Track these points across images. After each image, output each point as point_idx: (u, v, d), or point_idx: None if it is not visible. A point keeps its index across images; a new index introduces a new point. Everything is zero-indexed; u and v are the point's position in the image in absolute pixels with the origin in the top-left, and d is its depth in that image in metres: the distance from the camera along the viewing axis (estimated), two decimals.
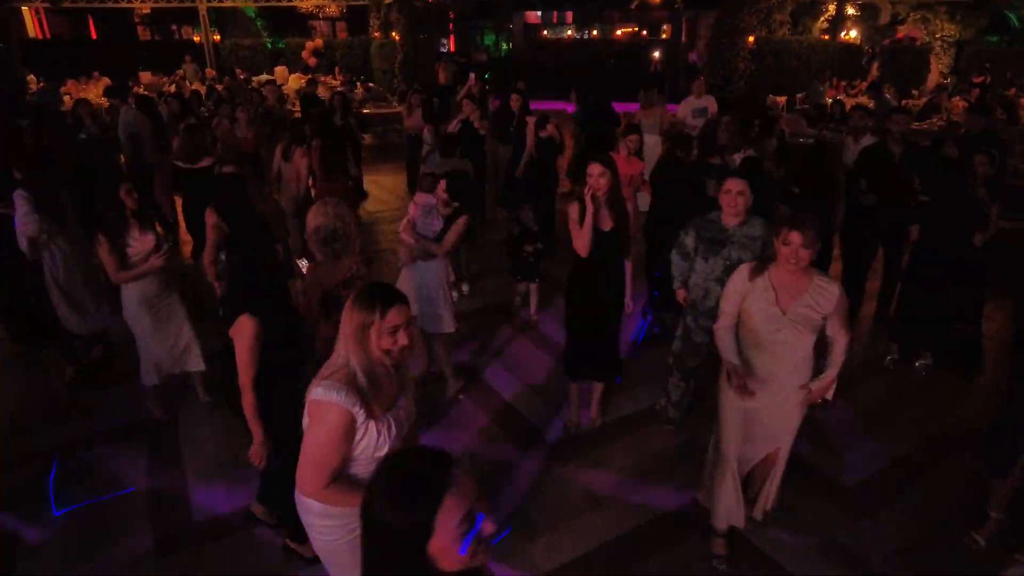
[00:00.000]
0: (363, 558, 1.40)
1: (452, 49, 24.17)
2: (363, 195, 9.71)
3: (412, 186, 8.78)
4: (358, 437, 2.12)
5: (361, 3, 18.30)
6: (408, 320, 2.15)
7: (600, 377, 4.33)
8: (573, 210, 3.95)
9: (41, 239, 4.49)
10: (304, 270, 3.47)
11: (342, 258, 3.41)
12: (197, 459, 4.14)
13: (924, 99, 13.09)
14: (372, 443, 2.14)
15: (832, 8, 17.19)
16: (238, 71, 17.44)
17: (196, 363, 4.46)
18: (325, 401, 2.08)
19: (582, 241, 3.92)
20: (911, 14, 17.17)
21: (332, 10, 23.07)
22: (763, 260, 3.14)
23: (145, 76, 18.07)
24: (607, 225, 3.95)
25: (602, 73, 19.13)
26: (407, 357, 2.23)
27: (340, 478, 2.14)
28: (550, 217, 7.18)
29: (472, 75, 10.16)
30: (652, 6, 23.69)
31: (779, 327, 2.98)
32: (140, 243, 4.07)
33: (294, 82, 16.77)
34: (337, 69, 18.05)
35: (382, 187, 10.47)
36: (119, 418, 4.54)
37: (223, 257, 4.09)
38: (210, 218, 4.17)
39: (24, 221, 4.38)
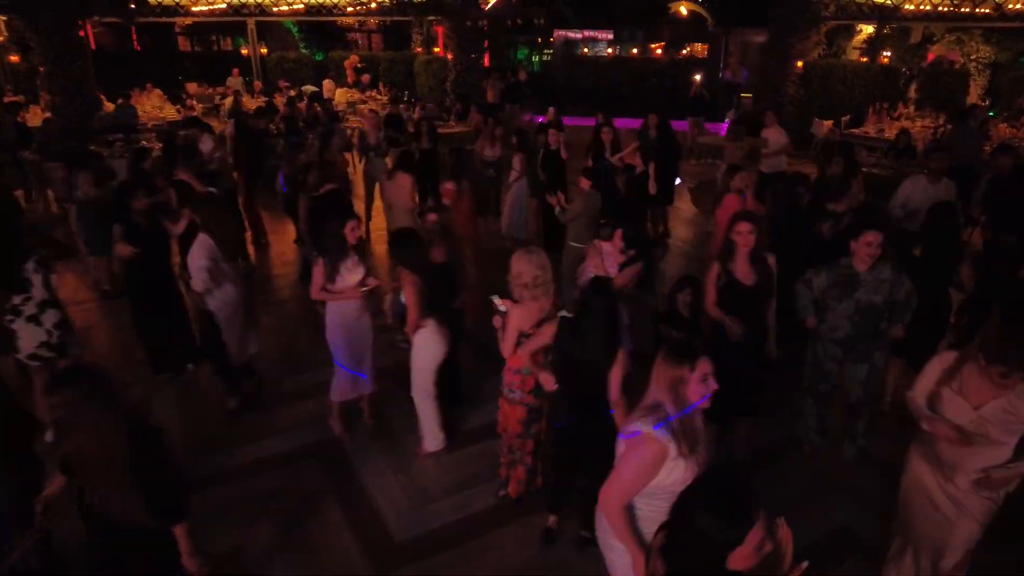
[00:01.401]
0: (667, 557, 1.84)
1: (487, 64, 24.48)
2: None
3: (488, 210, 9.03)
4: (666, 472, 2.38)
5: (405, 19, 18.56)
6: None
7: (739, 412, 4.46)
8: (712, 271, 4.19)
9: (212, 271, 4.75)
10: (504, 307, 3.74)
11: (540, 301, 3.68)
12: (376, 477, 4.39)
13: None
14: (679, 479, 2.39)
15: (867, 29, 17.47)
16: (282, 83, 17.76)
17: (368, 386, 4.74)
18: (645, 434, 2.36)
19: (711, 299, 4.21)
20: (946, 36, 17.45)
21: (371, 23, 23.41)
22: (964, 353, 2.95)
23: (191, 87, 18.39)
24: (749, 280, 4.12)
25: (642, 92, 19.38)
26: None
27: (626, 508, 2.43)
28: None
29: (552, 109, 10.39)
30: (686, 24, 24.09)
31: (971, 420, 2.84)
32: (351, 274, 4.37)
33: (341, 96, 17.08)
34: (382, 85, 18.32)
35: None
36: (287, 441, 4.80)
37: (401, 299, 4.33)
38: (404, 275, 4.32)
39: (204, 255, 4.65)
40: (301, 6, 16.02)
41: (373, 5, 16.46)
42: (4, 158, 9.32)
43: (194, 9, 15.31)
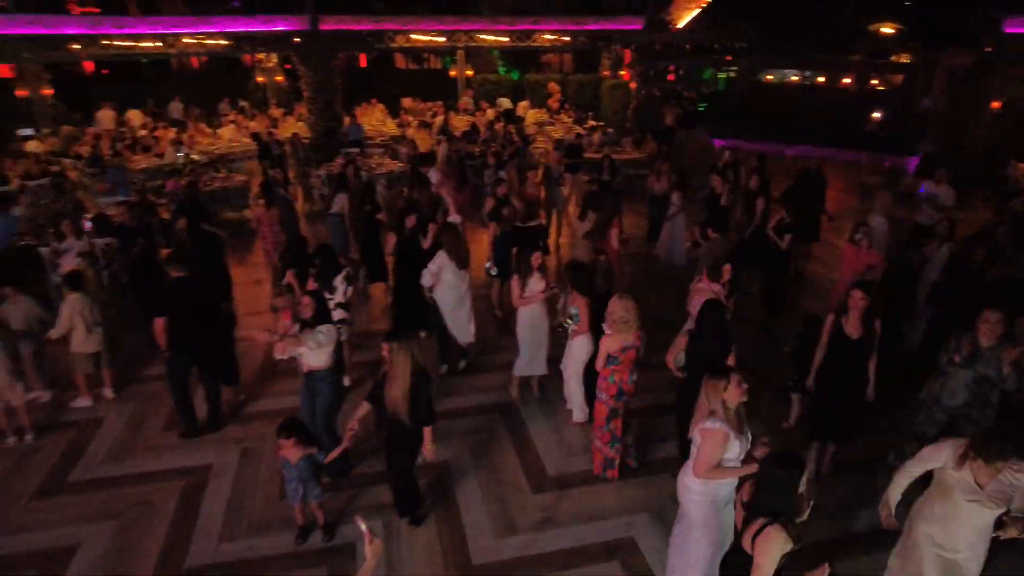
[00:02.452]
0: (753, 499, 3.15)
1: (670, 78, 25.51)
2: None
3: (652, 238, 10.33)
4: (728, 446, 3.73)
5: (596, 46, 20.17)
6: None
7: (837, 440, 5.50)
8: (829, 321, 5.24)
9: (435, 274, 6.67)
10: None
11: (623, 335, 5.15)
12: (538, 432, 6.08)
13: None
14: (736, 450, 3.73)
15: None
16: (483, 104, 20.21)
17: (542, 369, 6.45)
18: (712, 427, 3.73)
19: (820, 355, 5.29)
20: None
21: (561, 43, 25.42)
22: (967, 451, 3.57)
23: (406, 101, 21.48)
24: (856, 333, 5.11)
25: (824, 123, 19.29)
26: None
27: (714, 469, 3.79)
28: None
29: (728, 153, 11.40)
30: (882, 46, 23.28)
31: (977, 498, 3.50)
32: (536, 285, 6.11)
33: (532, 116, 19.12)
34: (568, 107, 20.07)
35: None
36: (481, 398, 6.67)
37: (571, 309, 5.97)
38: (577, 297, 5.94)
39: (436, 263, 6.58)
40: (507, 39, 18.21)
41: (567, 38, 18.29)
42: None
43: (413, 37, 18.00)
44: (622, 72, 20.08)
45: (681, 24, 20.67)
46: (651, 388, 6.25)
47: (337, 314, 6.36)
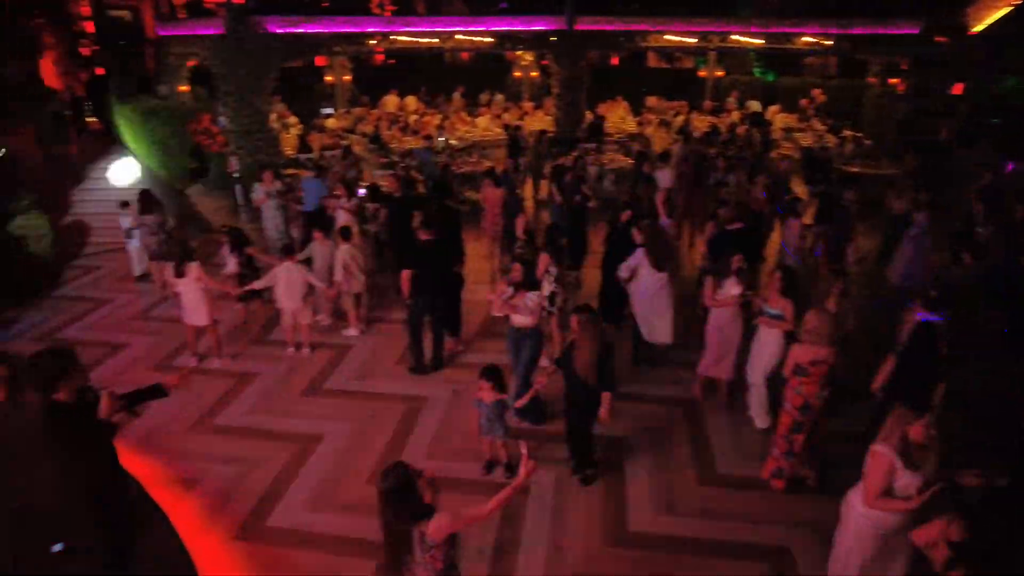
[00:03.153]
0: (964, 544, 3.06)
1: (956, 91, 22.24)
2: None
3: (885, 259, 9.50)
4: (895, 476, 3.67)
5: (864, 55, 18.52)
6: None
7: None
8: None
9: (628, 268, 7.07)
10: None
11: (816, 347, 5.05)
12: (715, 432, 6.24)
13: None
14: (904, 481, 3.67)
15: None
16: (729, 104, 19.71)
17: (727, 372, 6.58)
18: (879, 451, 3.72)
19: None
20: None
21: (824, 44, 23.60)
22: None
23: (651, 100, 21.78)
24: None
25: None
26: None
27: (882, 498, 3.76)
28: None
29: (987, 174, 10.11)
30: None
31: None
32: (731, 289, 6.28)
33: (781, 121, 18.24)
34: (816, 112, 18.73)
35: None
36: (664, 391, 7.00)
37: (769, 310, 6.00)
38: (786, 303, 6.04)
39: (633, 259, 7.00)
40: (761, 41, 17.59)
41: (828, 42, 17.08)
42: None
43: (666, 38, 18.15)
44: (893, 80, 18.19)
45: (980, 28, 18.03)
46: (852, 414, 6.05)
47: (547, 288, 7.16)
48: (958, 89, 21.95)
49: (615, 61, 27.83)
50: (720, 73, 21.84)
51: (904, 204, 9.09)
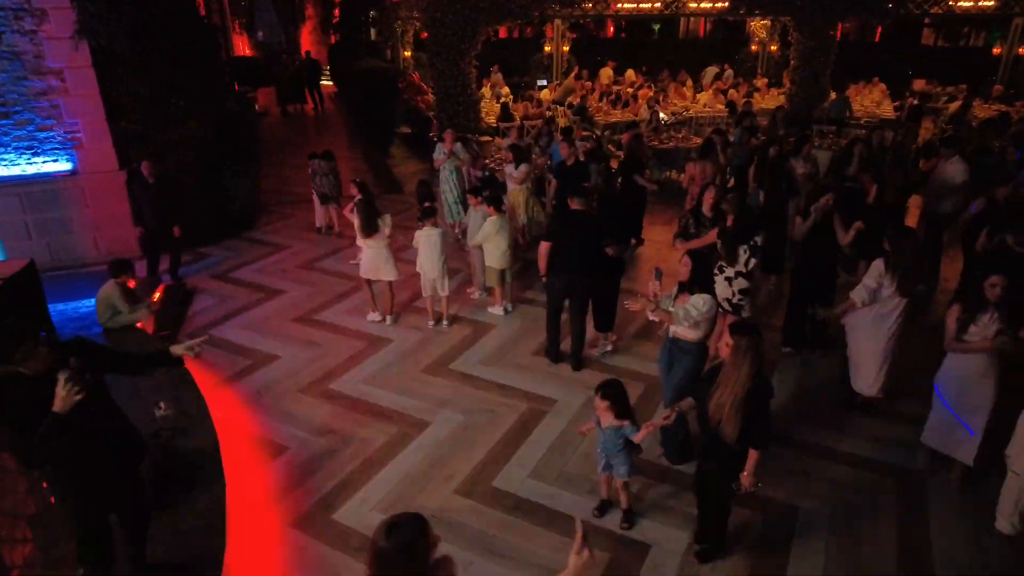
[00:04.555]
0: None
1: None
2: None
3: None
4: None
5: None
6: None
7: None
8: None
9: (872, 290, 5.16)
10: None
11: None
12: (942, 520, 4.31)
13: None
14: None
15: None
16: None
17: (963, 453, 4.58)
18: None
19: None
20: None
21: None
22: None
23: (918, 83, 17.95)
24: None
25: None
26: None
27: None
28: None
29: None
30: None
31: None
32: (986, 328, 4.30)
33: None
34: None
35: None
36: (873, 451, 5.12)
37: None
38: None
39: (872, 277, 5.10)
40: None
41: None
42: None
43: (961, 4, 14.60)
44: None
45: None
46: None
47: (736, 284, 5.66)
48: None
49: (877, 37, 23.70)
50: (1022, 50, 17.21)
51: None
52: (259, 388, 5.94)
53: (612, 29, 27.69)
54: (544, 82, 18.54)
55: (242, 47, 24.06)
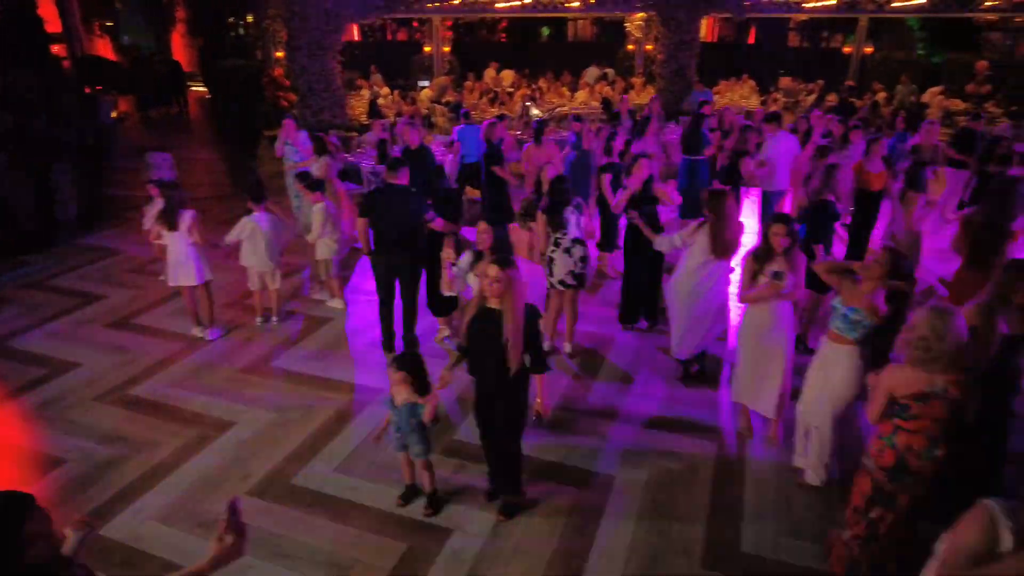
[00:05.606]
0: None
1: None
2: None
3: None
4: None
5: None
6: None
7: None
8: None
9: None
10: None
11: (922, 370, 2.96)
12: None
13: None
14: None
15: None
16: (876, 86, 16.52)
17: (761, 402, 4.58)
18: None
19: None
20: None
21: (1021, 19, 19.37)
22: None
23: (785, 81, 18.92)
24: None
25: None
26: None
27: None
28: None
29: None
30: None
31: None
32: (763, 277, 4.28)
33: (938, 105, 14.98)
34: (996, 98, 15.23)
35: None
36: (703, 414, 5.10)
37: None
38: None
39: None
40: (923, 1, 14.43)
41: None
42: None
43: (806, 6, 15.49)
44: None
45: None
46: None
47: (576, 252, 5.53)
48: None
49: (752, 39, 24.97)
50: (869, 50, 18.49)
51: None
52: (48, 399, 5.27)
53: (505, 35, 27.79)
54: (425, 83, 18.30)
55: (104, 50, 22.41)
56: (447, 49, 18.93)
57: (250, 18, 18.34)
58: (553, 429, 4.80)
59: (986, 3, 14.18)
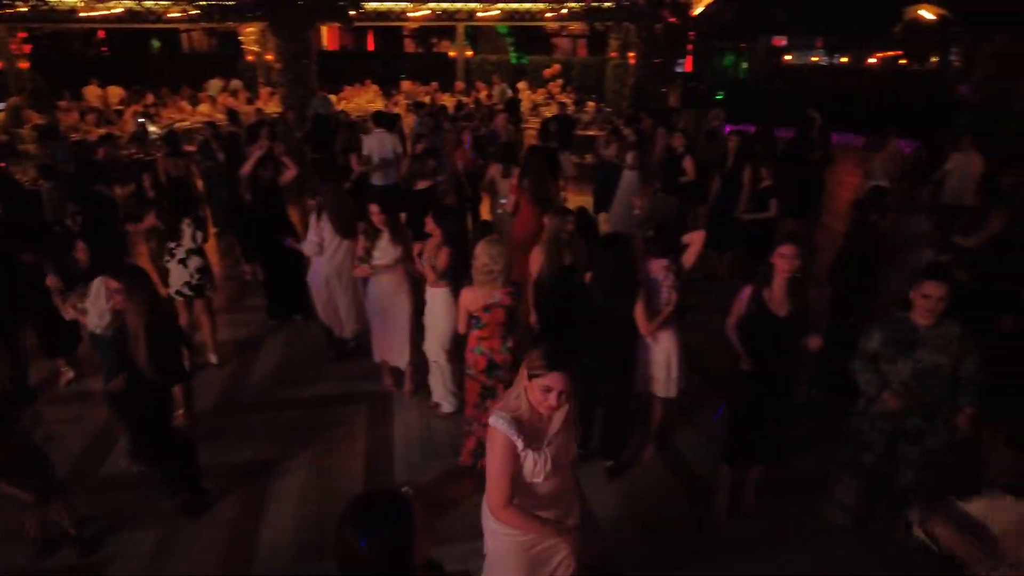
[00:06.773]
0: None
1: (688, 69, 24.03)
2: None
3: (599, 209, 8.99)
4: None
5: (604, 25, 18.94)
6: (567, 390, 2.34)
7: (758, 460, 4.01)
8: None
9: None
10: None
11: (486, 288, 3.99)
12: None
13: None
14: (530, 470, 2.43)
15: None
16: (479, 85, 19.16)
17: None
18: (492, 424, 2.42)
19: None
20: None
21: (575, 28, 24.22)
22: None
23: (406, 84, 20.62)
24: (782, 311, 3.66)
25: (849, 105, 17.53)
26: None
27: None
28: None
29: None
30: (921, 29, 21.37)
31: None
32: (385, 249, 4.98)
33: (528, 98, 18.01)
34: (570, 88, 18.91)
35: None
36: (354, 386, 5.62)
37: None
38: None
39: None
40: (497, 12, 17.14)
41: (564, 11, 17.09)
42: None
43: (410, 15, 17.08)
44: (630, 54, 18.74)
45: (699, 10, 19.16)
46: None
47: (192, 263, 5.54)
48: (688, 66, 23.65)
49: (371, 46, 26.47)
50: (469, 53, 21.25)
51: (613, 152, 8.62)
52: None
53: (107, 47, 24.55)
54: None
55: None
56: (25, 65, 16.17)
57: None
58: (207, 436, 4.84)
59: (547, 15, 17.37)
